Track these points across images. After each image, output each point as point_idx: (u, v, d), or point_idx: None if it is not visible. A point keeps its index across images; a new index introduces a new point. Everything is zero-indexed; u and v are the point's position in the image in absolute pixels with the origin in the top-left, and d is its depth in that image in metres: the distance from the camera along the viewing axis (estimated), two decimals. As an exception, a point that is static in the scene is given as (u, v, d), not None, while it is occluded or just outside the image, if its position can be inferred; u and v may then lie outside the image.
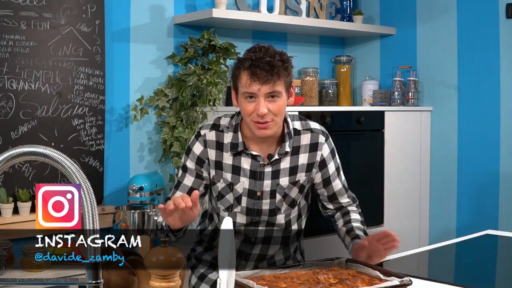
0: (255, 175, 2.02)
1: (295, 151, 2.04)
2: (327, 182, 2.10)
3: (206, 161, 2.04)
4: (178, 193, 2.06)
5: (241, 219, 2.06)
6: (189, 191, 2.05)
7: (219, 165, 2.04)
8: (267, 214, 2.05)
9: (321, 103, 3.82)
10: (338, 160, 2.14)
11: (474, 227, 3.01)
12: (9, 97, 2.91)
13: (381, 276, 1.73)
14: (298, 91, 3.57)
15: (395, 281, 1.67)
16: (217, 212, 2.11)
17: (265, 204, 2.04)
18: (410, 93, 3.79)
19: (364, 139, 3.58)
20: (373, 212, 3.62)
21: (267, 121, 1.92)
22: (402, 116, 3.70)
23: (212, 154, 2.04)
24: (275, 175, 2.03)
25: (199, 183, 2.06)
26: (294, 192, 2.06)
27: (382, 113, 3.62)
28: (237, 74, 1.94)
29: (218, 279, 1.38)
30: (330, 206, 2.15)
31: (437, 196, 3.78)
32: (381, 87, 3.95)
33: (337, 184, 2.12)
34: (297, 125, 2.07)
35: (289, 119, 2.05)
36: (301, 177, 2.06)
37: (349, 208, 2.14)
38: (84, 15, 3.07)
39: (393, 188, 3.64)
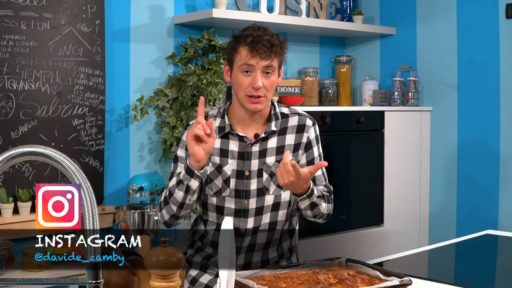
0: (243, 156, 2.08)
1: (283, 131, 2.12)
2: (310, 164, 2.13)
3: None
4: (174, 180, 2.08)
5: (230, 203, 2.08)
6: None
7: None
8: (256, 195, 2.08)
9: (321, 103, 3.82)
10: (321, 150, 2.20)
11: (474, 227, 3.01)
12: (9, 97, 2.91)
13: (381, 276, 1.73)
14: (298, 91, 3.57)
15: (395, 281, 1.67)
16: (205, 200, 2.12)
17: (253, 184, 2.08)
18: (410, 93, 3.79)
19: (364, 139, 3.58)
20: (373, 212, 3.63)
21: (260, 95, 2.01)
22: (402, 116, 3.71)
23: None
24: (262, 154, 2.09)
25: None
26: None
27: (382, 113, 3.62)
28: (235, 47, 2.04)
29: (218, 279, 1.37)
30: None
31: (437, 196, 3.78)
32: (381, 87, 3.95)
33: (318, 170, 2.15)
34: (285, 110, 2.16)
35: (275, 103, 2.15)
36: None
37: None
38: (84, 15, 3.07)
39: (393, 188, 3.64)
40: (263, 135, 2.09)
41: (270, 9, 3.49)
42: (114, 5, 3.21)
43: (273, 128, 2.09)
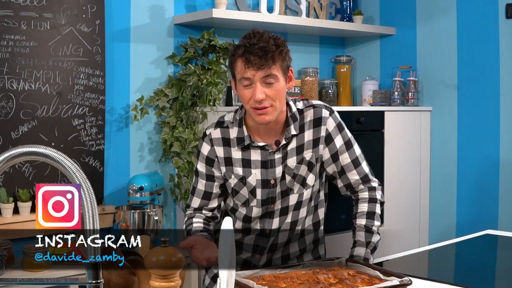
0: (266, 164, 2.01)
1: (301, 129, 2.02)
2: (335, 157, 2.05)
3: (216, 159, 2.04)
4: (195, 200, 2.08)
5: (257, 212, 2.05)
6: (204, 195, 2.07)
7: (228, 161, 2.03)
8: (280, 197, 2.03)
9: (321, 103, 3.82)
10: (349, 134, 2.09)
11: (474, 227, 3.01)
12: (9, 97, 2.91)
13: (381, 276, 1.73)
14: (298, 91, 3.57)
15: (395, 281, 1.67)
16: (236, 208, 2.09)
17: (278, 188, 2.02)
18: (410, 93, 3.79)
19: (364, 139, 3.58)
20: (373, 212, 3.62)
21: (266, 106, 1.90)
22: (402, 116, 3.71)
23: (220, 151, 2.04)
24: (285, 158, 2.02)
25: (211, 186, 2.06)
26: (303, 170, 2.02)
27: (382, 113, 3.62)
28: (232, 61, 1.94)
29: (218, 279, 1.38)
30: (340, 184, 2.09)
31: (437, 196, 3.78)
32: (381, 87, 3.95)
33: (345, 158, 2.05)
34: (300, 105, 2.05)
35: (291, 103, 2.03)
36: (308, 153, 2.02)
37: (360, 194, 2.08)
38: (84, 15, 3.07)
39: (393, 188, 3.64)
40: (283, 142, 2.00)
41: (270, 9, 3.49)
42: (114, 5, 3.21)
43: (293, 132, 2.00)
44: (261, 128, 2.00)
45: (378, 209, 2.07)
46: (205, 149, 2.05)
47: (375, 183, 2.11)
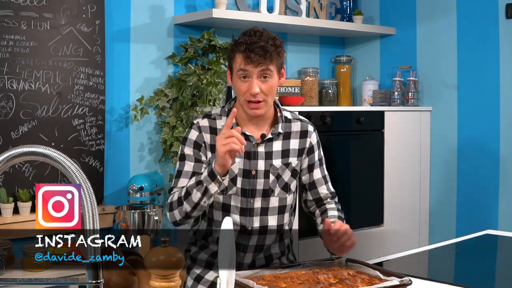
0: (249, 155, 2.10)
1: (286, 136, 2.15)
2: (311, 168, 2.19)
3: (203, 144, 2.11)
4: (182, 181, 2.08)
5: (236, 201, 2.10)
6: (193, 176, 2.08)
7: (214, 148, 2.08)
8: (261, 195, 2.11)
9: (321, 103, 3.82)
10: (322, 153, 2.25)
11: (474, 227, 3.01)
12: (9, 97, 2.91)
13: (381, 276, 1.73)
14: (298, 91, 3.57)
15: (395, 281, 1.67)
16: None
17: (259, 184, 2.10)
18: (410, 93, 3.79)
19: (364, 139, 3.58)
20: (373, 212, 3.62)
21: (259, 100, 2.03)
22: (402, 116, 3.71)
23: (207, 137, 2.11)
24: (268, 156, 2.12)
25: (199, 167, 2.09)
26: (287, 175, 2.13)
27: (382, 113, 3.62)
28: (232, 56, 2.07)
29: (218, 279, 1.38)
30: (310, 197, 2.22)
31: (437, 196, 3.78)
32: (381, 87, 3.95)
33: (318, 173, 2.20)
34: (287, 114, 2.20)
35: (280, 106, 2.18)
36: (294, 161, 2.15)
37: (327, 205, 2.21)
38: (84, 15, 3.07)
39: (393, 188, 3.64)
40: (269, 136, 2.11)
41: (270, 9, 3.49)
42: (114, 5, 3.21)
43: (280, 130, 2.12)
44: (249, 119, 2.11)
45: (343, 214, 2.21)
46: (193, 134, 2.12)
47: (336, 198, 2.27)
